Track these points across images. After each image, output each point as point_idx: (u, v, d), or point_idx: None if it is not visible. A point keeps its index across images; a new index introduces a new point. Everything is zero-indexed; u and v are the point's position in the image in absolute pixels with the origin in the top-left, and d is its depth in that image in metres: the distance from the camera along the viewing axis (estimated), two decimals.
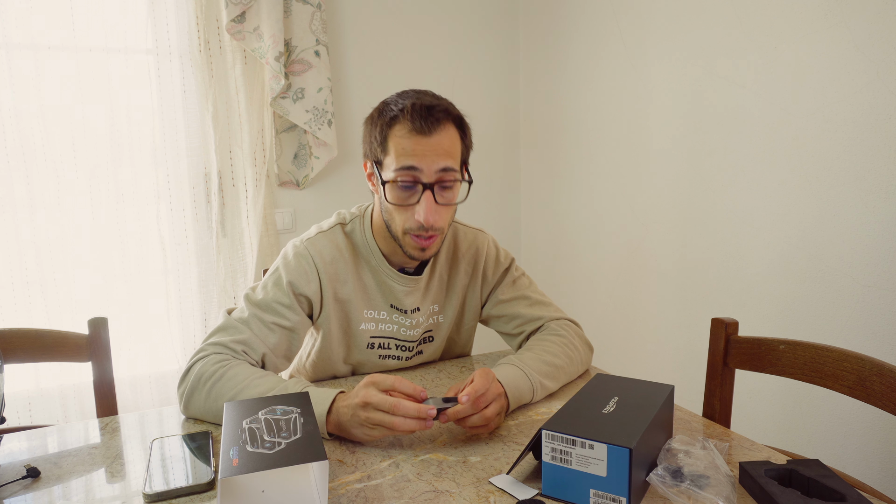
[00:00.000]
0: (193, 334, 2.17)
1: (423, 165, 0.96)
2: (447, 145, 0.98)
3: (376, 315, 1.12)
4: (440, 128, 0.97)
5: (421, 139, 0.96)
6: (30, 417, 1.96)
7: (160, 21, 2.03)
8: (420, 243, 1.01)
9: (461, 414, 0.83)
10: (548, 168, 2.57)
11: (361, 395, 0.83)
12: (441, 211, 1.00)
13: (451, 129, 0.99)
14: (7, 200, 1.89)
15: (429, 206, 0.97)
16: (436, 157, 0.97)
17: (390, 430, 0.81)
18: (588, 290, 2.38)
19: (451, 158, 0.99)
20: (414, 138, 0.96)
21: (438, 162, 0.97)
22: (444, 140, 0.97)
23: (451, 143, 0.99)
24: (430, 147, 0.96)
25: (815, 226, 1.53)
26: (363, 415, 0.82)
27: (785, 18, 1.55)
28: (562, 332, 1.12)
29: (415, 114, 0.97)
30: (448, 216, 1.03)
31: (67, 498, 0.74)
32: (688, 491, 0.68)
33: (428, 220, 0.97)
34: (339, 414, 0.85)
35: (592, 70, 2.26)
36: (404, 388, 0.83)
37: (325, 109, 2.23)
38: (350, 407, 0.84)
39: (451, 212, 1.04)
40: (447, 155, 0.98)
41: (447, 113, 0.99)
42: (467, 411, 0.83)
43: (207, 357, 0.96)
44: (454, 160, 0.99)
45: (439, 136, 0.97)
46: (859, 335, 1.44)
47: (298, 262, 1.06)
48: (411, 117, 0.97)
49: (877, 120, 1.38)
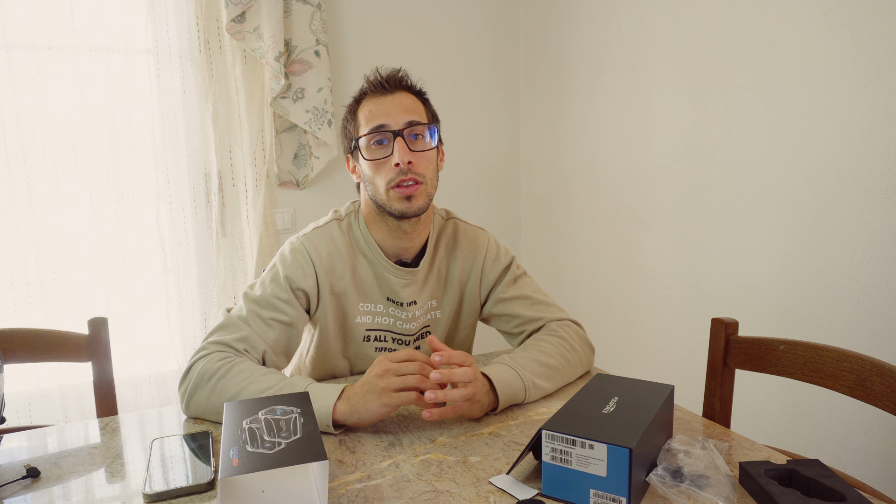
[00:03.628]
0: (193, 334, 2.17)
1: (389, 120, 1.04)
2: (408, 103, 1.06)
3: (372, 308, 1.13)
4: (400, 90, 1.07)
5: (383, 99, 1.06)
6: (30, 417, 1.96)
7: (160, 21, 2.03)
8: (404, 191, 1.03)
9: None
10: (548, 167, 2.57)
11: (379, 366, 0.88)
12: (417, 156, 1.04)
13: (410, 95, 1.08)
14: (7, 200, 1.89)
15: (402, 148, 1.02)
16: (400, 111, 1.05)
17: (414, 387, 0.87)
18: (588, 290, 2.38)
19: (416, 114, 1.06)
20: (377, 100, 1.06)
21: (403, 115, 1.04)
22: (404, 99, 1.06)
23: (413, 103, 1.07)
24: (394, 104, 1.05)
25: (815, 226, 1.53)
26: (381, 383, 0.86)
27: (785, 18, 1.55)
28: (561, 333, 1.12)
29: (374, 82, 1.08)
30: (427, 166, 1.06)
31: (67, 498, 0.74)
32: (688, 491, 0.68)
33: (403, 158, 1.01)
34: (350, 398, 0.87)
35: (592, 70, 2.26)
36: (418, 357, 0.89)
37: (325, 109, 2.23)
38: (365, 383, 0.88)
39: (428, 161, 1.06)
40: (410, 110, 1.05)
41: (402, 81, 1.09)
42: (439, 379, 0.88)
43: (210, 355, 0.96)
44: (419, 115, 1.07)
45: (400, 95, 1.06)
46: (859, 335, 1.44)
47: (295, 258, 1.07)
48: (372, 87, 1.08)
49: (877, 120, 1.38)
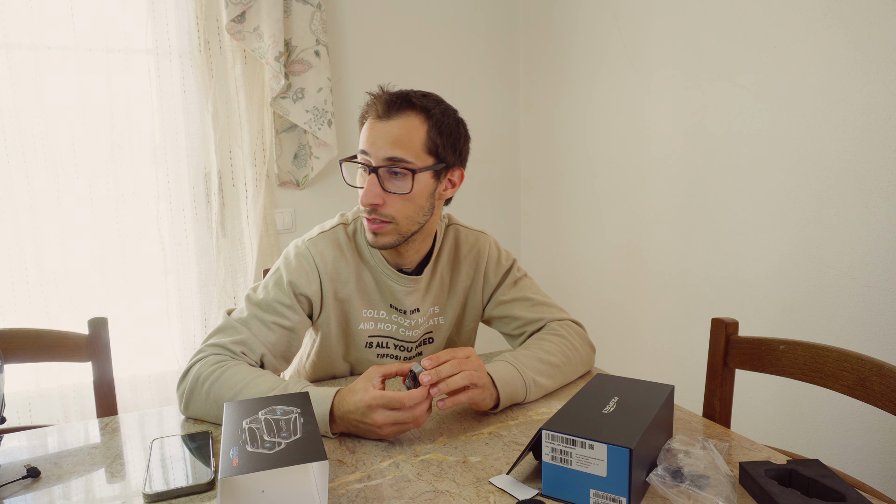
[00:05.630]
0: (193, 334, 2.17)
1: (372, 150, 0.99)
2: (399, 134, 0.98)
3: (375, 315, 1.12)
4: (398, 115, 0.98)
5: (376, 124, 0.99)
6: (30, 417, 1.96)
7: (160, 21, 2.03)
8: (369, 226, 1.02)
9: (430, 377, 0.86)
10: (548, 168, 2.57)
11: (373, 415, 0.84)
12: (391, 198, 0.99)
13: (411, 118, 0.99)
14: (7, 200, 1.89)
15: (368, 188, 0.98)
16: (384, 143, 0.98)
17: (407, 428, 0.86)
18: (588, 290, 2.38)
19: (402, 148, 0.98)
20: (371, 123, 1.00)
21: (385, 150, 0.98)
22: (396, 128, 0.98)
23: (407, 132, 0.98)
24: (382, 133, 0.98)
25: (815, 226, 1.53)
26: (378, 429, 0.84)
27: (785, 18, 1.55)
28: (561, 332, 1.12)
29: (377, 101, 1.01)
30: (403, 205, 1.00)
31: (67, 498, 0.74)
32: (688, 491, 0.68)
33: (368, 199, 0.98)
34: (346, 422, 0.87)
35: (592, 70, 2.26)
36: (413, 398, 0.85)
37: (325, 109, 2.23)
38: (360, 420, 0.85)
39: (406, 200, 1.00)
40: (397, 144, 0.97)
41: (408, 101, 0.99)
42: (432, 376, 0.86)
43: (206, 358, 0.96)
44: (406, 150, 0.98)
45: (394, 123, 0.98)
46: (859, 335, 1.44)
47: (299, 262, 1.07)
48: (375, 106, 1.01)
49: (877, 120, 1.37)
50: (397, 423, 0.84)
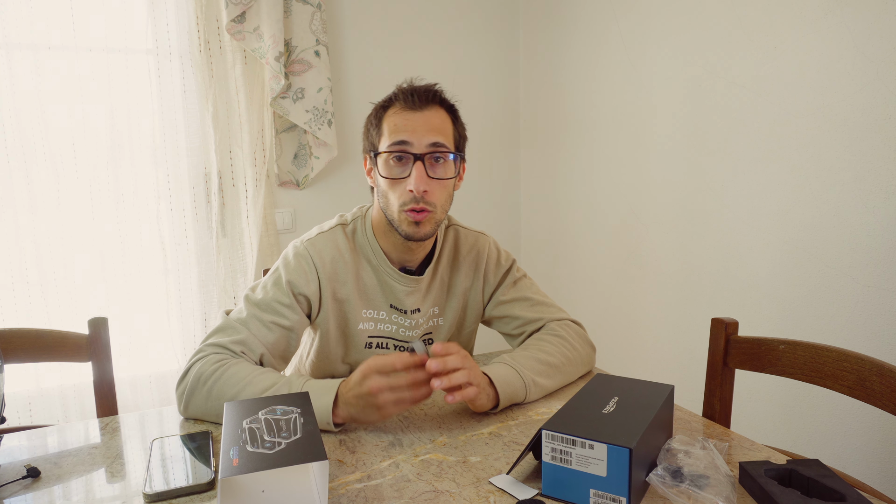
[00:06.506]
0: (193, 334, 2.17)
1: (413, 139, 1.00)
2: (437, 122, 1.02)
3: (375, 315, 1.12)
4: (430, 106, 1.03)
5: (411, 115, 1.01)
6: (30, 417, 1.96)
7: (160, 21, 2.03)
8: (413, 216, 1.01)
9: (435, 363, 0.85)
10: (548, 168, 2.57)
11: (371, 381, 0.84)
12: (433, 185, 1.01)
13: (441, 111, 1.04)
14: (7, 200, 1.89)
15: (419, 175, 0.99)
16: (426, 131, 1.01)
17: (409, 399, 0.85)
18: (588, 290, 2.38)
19: (442, 135, 1.02)
20: (405, 114, 1.02)
21: (428, 136, 1.00)
22: (433, 117, 1.02)
23: (442, 122, 1.03)
24: (421, 122, 1.01)
25: (815, 226, 1.53)
26: (377, 401, 0.84)
27: (785, 18, 1.55)
28: (560, 332, 1.12)
29: (406, 93, 1.03)
30: (441, 193, 1.03)
31: (67, 498, 0.74)
32: (688, 491, 0.68)
33: (419, 187, 0.99)
34: (348, 404, 0.87)
35: (592, 70, 2.26)
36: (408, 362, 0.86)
37: (325, 109, 2.23)
38: (359, 396, 0.86)
39: (444, 188, 1.04)
40: (437, 131, 1.01)
41: (437, 96, 1.04)
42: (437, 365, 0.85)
43: (206, 357, 0.96)
44: (445, 137, 1.03)
45: (430, 113, 1.02)
46: (859, 335, 1.44)
47: (298, 263, 1.07)
48: (403, 97, 1.03)
49: (877, 120, 1.38)
50: (392, 388, 0.84)
